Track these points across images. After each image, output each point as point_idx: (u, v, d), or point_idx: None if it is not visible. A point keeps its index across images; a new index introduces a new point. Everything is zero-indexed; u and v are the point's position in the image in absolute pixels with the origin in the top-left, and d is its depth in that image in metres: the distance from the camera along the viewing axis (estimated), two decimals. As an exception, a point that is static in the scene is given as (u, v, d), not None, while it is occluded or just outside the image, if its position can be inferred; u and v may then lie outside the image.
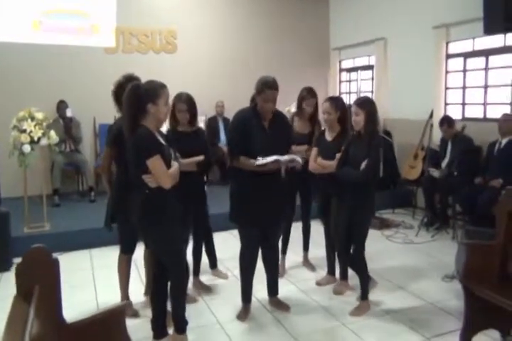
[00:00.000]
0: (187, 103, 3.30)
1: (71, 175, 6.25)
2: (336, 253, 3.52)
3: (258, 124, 2.98)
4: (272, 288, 3.31)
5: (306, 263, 4.10)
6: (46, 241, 4.55)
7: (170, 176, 2.54)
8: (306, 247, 4.10)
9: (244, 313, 3.16)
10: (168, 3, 6.85)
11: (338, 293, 3.51)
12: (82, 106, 6.11)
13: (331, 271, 3.74)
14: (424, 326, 2.98)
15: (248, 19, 7.33)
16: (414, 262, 4.14)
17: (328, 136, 3.50)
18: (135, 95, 2.54)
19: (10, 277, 2.81)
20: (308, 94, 3.84)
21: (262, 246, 3.17)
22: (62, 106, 5.98)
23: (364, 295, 3.23)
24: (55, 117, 5.92)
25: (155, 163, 2.48)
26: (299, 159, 2.97)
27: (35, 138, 4.42)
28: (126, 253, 3.19)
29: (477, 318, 2.68)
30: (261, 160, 2.85)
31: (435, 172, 5.03)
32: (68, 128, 5.91)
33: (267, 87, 2.88)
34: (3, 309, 1.72)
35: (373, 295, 3.38)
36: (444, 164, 5.07)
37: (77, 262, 4.27)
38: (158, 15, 6.73)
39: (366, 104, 3.06)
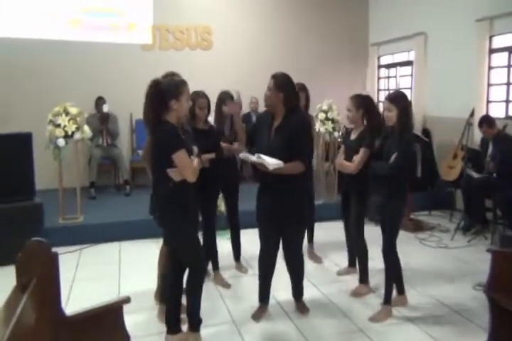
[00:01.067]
0: (206, 98, 3.37)
1: (108, 168, 6.43)
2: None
3: (268, 124, 2.92)
4: (294, 292, 3.23)
5: (312, 255, 4.12)
6: (79, 233, 4.74)
7: (195, 170, 2.58)
8: (310, 239, 4.13)
9: (259, 313, 3.11)
10: (203, 0, 6.87)
11: (357, 295, 3.42)
12: (120, 103, 6.24)
13: (351, 264, 3.77)
14: (447, 337, 2.82)
15: (284, 14, 7.24)
16: (446, 268, 3.94)
17: (352, 134, 3.44)
18: (158, 91, 2.55)
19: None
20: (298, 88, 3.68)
21: (283, 249, 3.10)
22: (100, 102, 6.15)
23: (387, 300, 3.10)
24: (93, 113, 6.11)
25: (181, 156, 2.51)
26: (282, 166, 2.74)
27: (69, 133, 4.56)
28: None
29: (503, 332, 2.50)
30: (252, 157, 2.77)
31: (474, 173, 4.77)
32: (105, 123, 6.07)
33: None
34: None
35: (395, 300, 3.24)
36: (491, 165, 4.79)
37: (107, 254, 4.37)
38: (193, 11, 6.76)
39: (398, 99, 2.98)
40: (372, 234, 3.47)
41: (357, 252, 3.58)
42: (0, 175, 4.05)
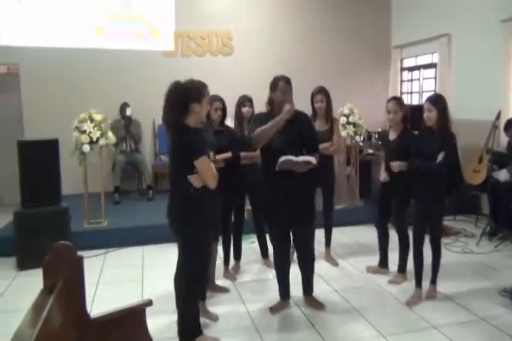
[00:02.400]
0: (222, 102, 3.54)
1: (131, 173, 6.53)
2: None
3: None
4: (305, 287, 3.33)
5: (329, 258, 4.16)
6: (103, 237, 4.82)
7: (216, 175, 2.61)
8: (328, 243, 4.19)
9: (278, 307, 3.22)
10: (223, 5, 6.91)
11: (396, 283, 3.65)
12: (143, 108, 6.34)
13: (382, 264, 3.90)
14: (472, 344, 2.77)
15: (305, 18, 7.23)
16: (471, 274, 3.86)
17: (392, 135, 3.62)
18: (179, 94, 2.58)
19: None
20: (316, 91, 4.00)
21: (295, 246, 3.24)
22: (124, 107, 6.28)
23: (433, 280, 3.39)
24: (118, 118, 6.23)
25: (203, 163, 2.55)
26: (313, 161, 2.92)
27: (94, 139, 4.66)
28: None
29: (531, 339, 2.45)
30: (295, 158, 2.89)
31: (501, 176, 4.67)
32: (128, 127, 6.19)
33: (280, 80, 3.05)
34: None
35: (420, 306, 3.24)
36: (511, 168, 4.69)
37: (130, 258, 4.43)
38: (213, 17, 6.82)
39: (439, 101, 3.25)
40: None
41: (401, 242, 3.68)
42: (28, 180, 4.17)
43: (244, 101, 3.89)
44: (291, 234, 3.18)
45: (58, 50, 6.07)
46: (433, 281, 3.41)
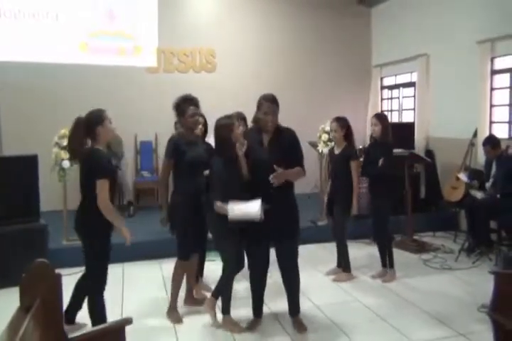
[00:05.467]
0: (204, 117, 3.73)
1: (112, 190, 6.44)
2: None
3: (258, 139, 3.10)
4: (290, 308, 3.26)
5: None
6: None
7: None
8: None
9: (253, 325, 3.22)
10: (208, 22, 7.00)
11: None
12: (125, 124, 6.27)
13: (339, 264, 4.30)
14: (452, 359, 2.79)
15: (287, 38, 7.38)
16: (450, 289, 3.90)
17: (336, 150, 4.19)
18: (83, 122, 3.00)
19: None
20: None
21: (279, 262, 3.18)
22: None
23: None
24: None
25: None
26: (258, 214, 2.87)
27: (74, 155, 4.61)
28: (183, 259, 3.36)
29: (509, 355, 2.47)
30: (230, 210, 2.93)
31: (478, 194, 4.77)
32: (109, 144, 6.13)
33: (265, 100, 3.06)
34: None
35: (399, 321, 3.26)
36: (487, 186, 4.80)
37: (110, 275, 4.30)
38: (197, 34, 6.90)
39: (383, 118, 4.30)
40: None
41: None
42: (6, 196, 4.09)
43: (238, 119, 3.79)
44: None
45: (39, 65, 6.04)
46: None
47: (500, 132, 5.23)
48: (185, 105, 3.37)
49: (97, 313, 2.84)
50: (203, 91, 6.78)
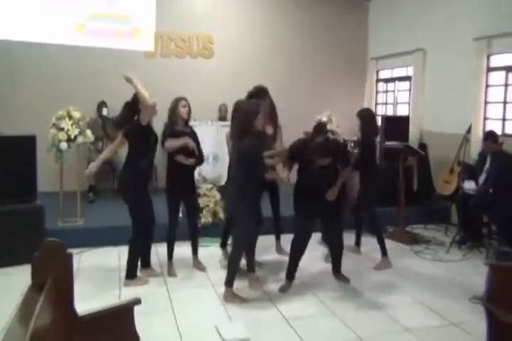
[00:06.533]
0: (187, 101, 3.94)
1: (107, 173, 6.42)
2: None
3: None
4: (334, 265, 3.96)
5: (279, 250, 4.53)
6: (78, 236, 4.73)
7: None
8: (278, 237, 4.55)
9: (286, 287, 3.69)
10: (206, 9, 6.96)
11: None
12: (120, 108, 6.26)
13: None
14: (445, 347, 2.87)
15: (286, 28, 7.36)
16: (442, 280, 3.99)
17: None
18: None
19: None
20: (259, 93, 4.04)
21: (328, 232, 4.05)
22: (101, 106, 6.19)
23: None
24: (95, 117, 6.14)
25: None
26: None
27: (72, 137, 4.59)
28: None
29: (501, 343, 2.56)
30: None
31: (470, 188, 4.86)
32: (105, 127, 6.10)
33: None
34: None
35: (394, 310, 3.34)
36: (480, 180, 4.89)
37: (106, 258, 4.37)
38: (195, 20, 6.86)
39: (362, 114, 4.42)
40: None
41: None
42: (3, 176, 4.06)
43: None
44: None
45: (36, 45, 5.92)
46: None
47: (494, 128, 5.29)
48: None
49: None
50: (199, 77, 6.83)
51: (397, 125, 6.19)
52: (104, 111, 6.12)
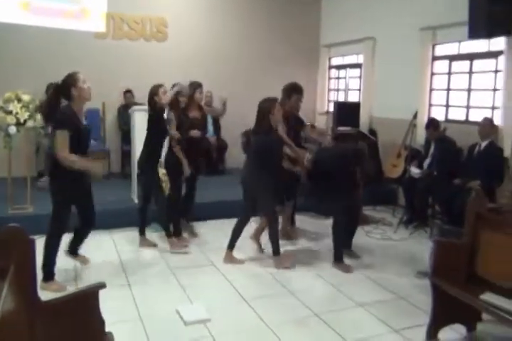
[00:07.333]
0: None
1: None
2: None
3: None
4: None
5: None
6: (28, 223, 4.57)
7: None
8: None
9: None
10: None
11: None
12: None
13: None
14: (393, 319, 3.07)
15: (239, 14, 7.32)
16: (390, 258, 4.24)
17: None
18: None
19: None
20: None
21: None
22: (50, 89, 5.94)
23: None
24: (42, 100, 5.89)
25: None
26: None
27: (22, 120, 4.41)
28: None
29: (444, 313, 2.78)
30: None
31: (415, 172, 5.13)
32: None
33: None
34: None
35: (347, 288, 3.54)
36: (425, 164, 5.17)
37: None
38: (148, 1, 6.70)
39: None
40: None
41: None
42: None
43: (196, 87, 4.43)
44: None
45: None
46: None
47: (438, 114, 5.60)
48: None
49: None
50: (153, 60, 6.70)
51: (349, 111, 6.39)
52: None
